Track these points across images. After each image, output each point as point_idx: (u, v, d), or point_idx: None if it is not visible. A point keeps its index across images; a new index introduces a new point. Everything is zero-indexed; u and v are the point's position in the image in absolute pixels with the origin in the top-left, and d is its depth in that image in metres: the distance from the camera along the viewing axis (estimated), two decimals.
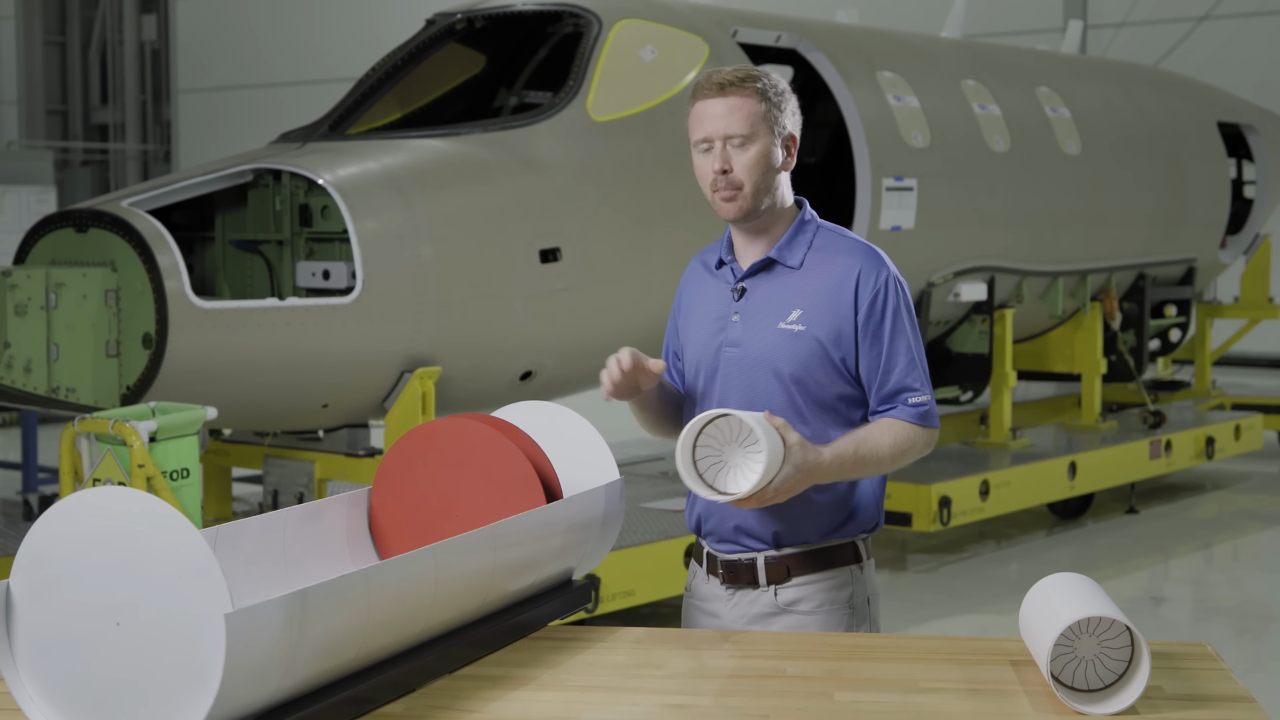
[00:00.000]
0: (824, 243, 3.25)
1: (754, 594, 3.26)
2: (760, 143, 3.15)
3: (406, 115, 7.91)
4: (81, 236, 6.21)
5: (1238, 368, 17.04)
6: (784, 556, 3.24)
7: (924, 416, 3.20)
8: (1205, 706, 2.62)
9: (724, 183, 3.16)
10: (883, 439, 3.15)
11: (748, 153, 3.15)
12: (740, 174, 3.15)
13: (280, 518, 2.97)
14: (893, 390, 3.19)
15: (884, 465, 3.17)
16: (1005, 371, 9.70)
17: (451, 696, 2.68)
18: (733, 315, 3.24)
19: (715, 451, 3.02)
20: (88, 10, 29.21)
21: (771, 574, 3.24)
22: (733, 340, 3.23)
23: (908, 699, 2.67)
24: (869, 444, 3.13)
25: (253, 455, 7.22)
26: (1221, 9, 18.89)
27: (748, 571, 3.26)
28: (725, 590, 3.29)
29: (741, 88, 3.15)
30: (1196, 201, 11.61)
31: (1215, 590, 9.00)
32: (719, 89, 3.15)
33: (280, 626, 2.32)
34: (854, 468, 3.11)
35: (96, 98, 29.35)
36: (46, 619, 2.35)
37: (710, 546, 3.35)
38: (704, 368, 3.27)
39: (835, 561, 3.26)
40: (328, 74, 24.58)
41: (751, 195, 3.17)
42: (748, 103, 3.14)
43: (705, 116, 3.17)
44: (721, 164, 3.15)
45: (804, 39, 8.69)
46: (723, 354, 3.23)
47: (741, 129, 3.14)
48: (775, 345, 3.18)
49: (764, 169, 3.17)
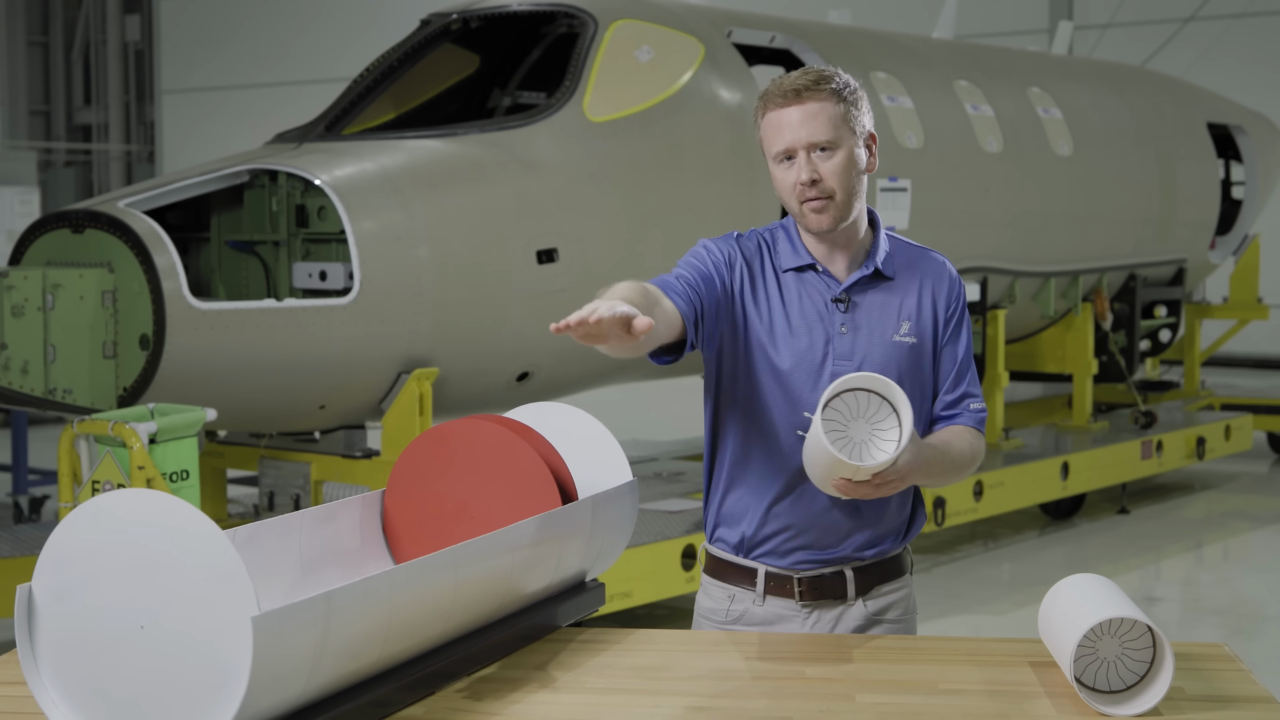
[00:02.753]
0: (899, 250, 3.17)
1: (839, 608, 3.15)
2: (845, 146, 3.00)
3: (401, 116, 7.90)
4: (78, 237, 6.19)
5: (1224, 368, 17.08)
6: (870, 565, 3.16)
7: (982, 423, 3.17)
8: (1228, 707, 2.61)
9: (814, 193, 2.99)
10: (961, 444, 3.10)
11: (834, 159, 2.99)
12: (831, 182, 2.99)
13: (296, 519, 2.95)
14: (960, 395, 3.15)
15: (957, 471, 3.10)
16: (998, 372, 9.71)
17: (472, 699, 2.66)
18: (840, 328, 3.08)
19: (840, 427, 2.87)
20: (71, 10, 29.11)
21: (861, 584, 3.15)
22: (843, 354, 3.07)
23: (930, 700, 2.66)
24: (953, 448, 3.07)
25: (248, 457, 7.20)
26: (1207, 10, 18.95)
27: (833, 585, 3.14)
28: (803, 609, 3.15)
29: (817, 91, 2.99)
30: (1186, 202, 11.64)
31: (1207, 590, 9.02)
32: (794, 95, 2.99)
33: (306, 629, 2.30)
34: (937, 468, 3.02)
35: (80, 98, 29.26)
36: (69, 622, 2.33)
37: (774, 565, 3.17)
38: (801, 376, 3.08)
39: (905, 568, 3.23)
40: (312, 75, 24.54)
41: (844, 203, 3.02)
42: (826, 106, 2.99)
43: (783, 126, 3.00)
44: (809, 174, 2.98)
45: (798, 40, 8.69)
46: (832, 366, 3.06)
47: (825, 135, 2.98)
48: (892, 358, 3.08)
49: (853, 174, 3.02)
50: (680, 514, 7.33)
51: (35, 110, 29.10)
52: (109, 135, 28.23)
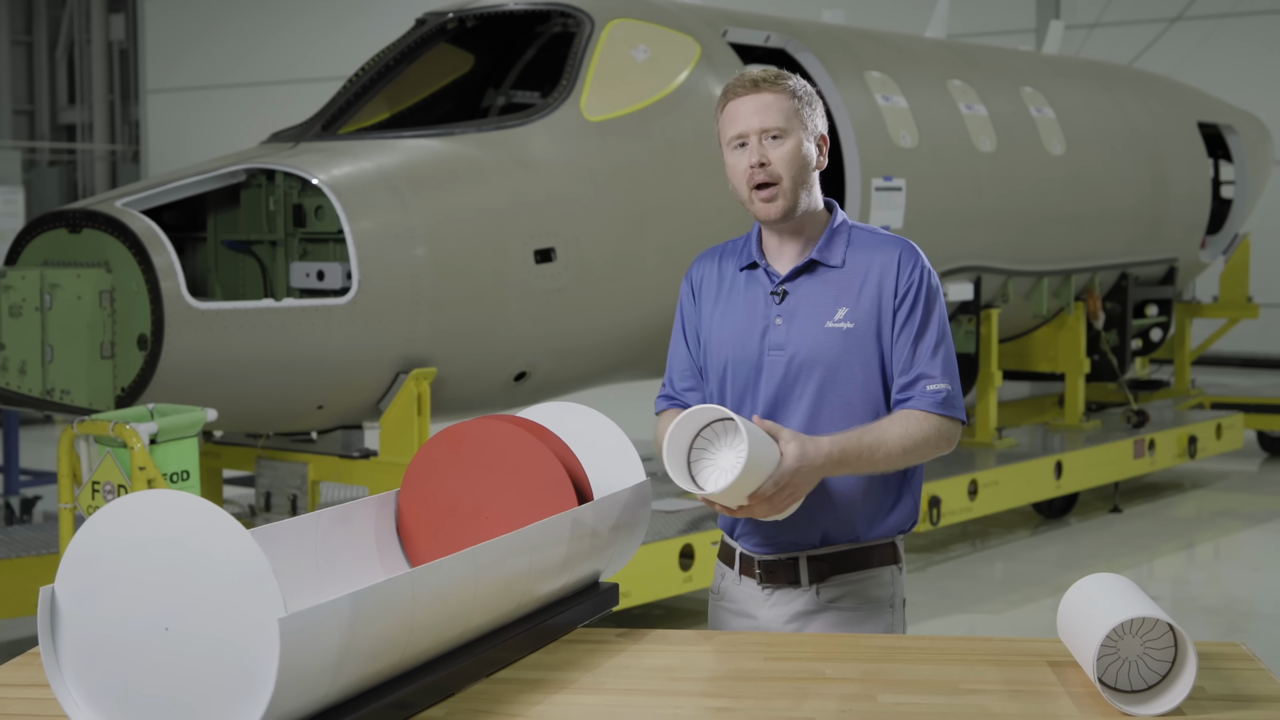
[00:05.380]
0: (861, 240, 3.23)
1: (794, 592, 3.24)
2: (795, 137, 3.15)
3: (395, 115, 7.88)
4: (75, 237, 6.16)
5: (1214, 366, 17.13)
6: (826, 554, 3.22)
7: (942, 404, 3.15)
8: (1251, 707, 2.61)
9: (762, 175, 3.13)
10: (892, 429, 3.11)
11: (784, 146, 3.14)
12: (778, 166, 3.13)
13: (313, 520, 2.94)
14: (913, 378, 3.16)
15: (894, 457, 3.11)
16: (991, 371, 9.72)
17: (492, 700, 2.65)
18: (775, 319, 3.20)
19: (711, 453, 3.01)
20: (55, 9, 29.01)
21: (814, 572, 3.22)
22: (776, 343, 3.19)
23: (952, 700, 2.66)
24: (874, 432, 3.09)
25: (244, 457, 7.17)
26: (1194, 10, 18.99)
27: (788, 571, 3.24)
28: (763, 591, 3.27)
29: (774, 84, 3.16)
30: (1178, 202, 11.67)
31: (1199, 589, 9.02)
32: (751, 86, 3.16)
33: (332, 631, 2.29)
34: (860, 458, 3.07)
35: (64, 97, 29.16)
36: (93, 624, 2.31)
37: (746, 548, 3.31)
38: (741, 371, 3.22)
39: (876, 560, 3.25)
40: (298, 74, 24.50)
41: (790, 190, 3.15)
42: (780, 98, 3.15)
43: (739, 114, 3.17)
44: (759, 157, 3.13)
45: (793, 39, 8.69)
46: (766, 358, 3.20)
47: (777, 122, 3.14)
48: (824, 345, 3.16)
49: (800, 163, 3.16)
50: (678, 513, 7.32)
51: (19, 110, 29.00)
52: (93, 135, 28.14)
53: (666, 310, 7.22)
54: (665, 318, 7.26)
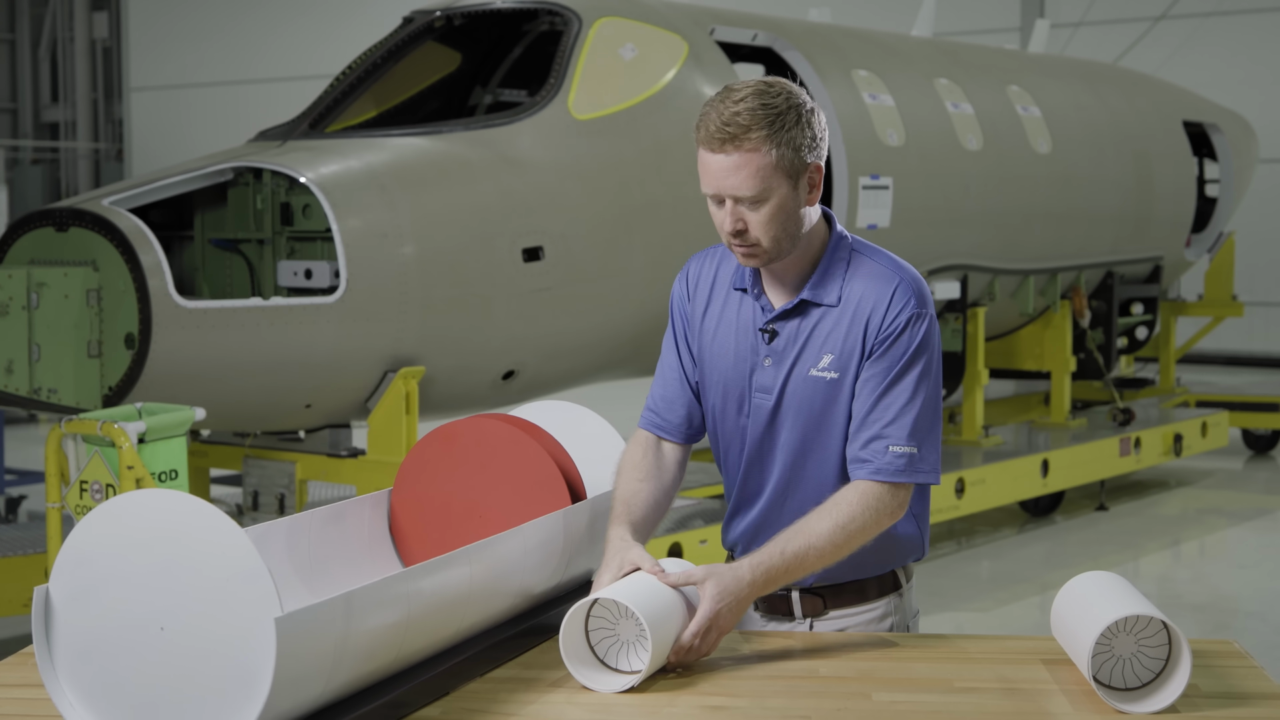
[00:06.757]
0: (860, 268, 2.94)
1: (789, 625, 3.11)
2: (775, 197, 2.81)
3: (383, 113, 7.87)
4: (61, 235, 6.14)
5: (1199, 365, 17.17)
6: (819, 589, 3.07)
7: (902, 471, 2.85)
8: (1244, 704, 2.61)
9: (739, 241, 2.86)
10: (821, 523, 2.83)
11: (762, 210, 2.81)
12: (756, 232, 2.83)
13: (306, 519, 2.93)
14: (871, 436, 2.87)
15: (831, 552, 2.84)
16: (978, 369, 9.73)
17: (487, 700, 2.65)
18: (764, 359, 2.96)
19: (609, 626, 2.77)
20: (38, 7, 28.93)
21: (807, 607, 3.09)
22: (763, 386, 2.97)
23: (946, 699, 2.66)
24: (801, 536, 2.82)
25: (231, 456, 7.16)
26: (1177, 9, 19.04)
27: (783, 603, 3.10)
28: (762, 620, 3.13)
29: (746, 139, 2.76)
30: (1163, 200, 11.70)
31: (1185, 587, 9.05)
32: (719, 144, 2.78)
33: (327, 630, 2.29)
34: (788, 572, 2.83)
35: (47, 95, 29.08)
36: (88, 623, 2.31)
37: None
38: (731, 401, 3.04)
39: (872, 594, 3.09)
40: (282, 72, 24.46)
41: (771, 249, 2.86)
42: (753, 158, 2.77)
43: (710, 168, 2.82)
44: (733, 225, 2.83)
45: (780, 38, 8.70)
46: (753, 400, 2.99)
47: (750, 191, 2.79)
48: (806, 396, 2.93)
49: (782, 220, 2.84)
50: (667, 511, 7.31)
51: (2, 108, 28.93)
52: (77, 133, 28.06)
53: (654, 309, 7.22)
54: (653, 316, 7.26)
